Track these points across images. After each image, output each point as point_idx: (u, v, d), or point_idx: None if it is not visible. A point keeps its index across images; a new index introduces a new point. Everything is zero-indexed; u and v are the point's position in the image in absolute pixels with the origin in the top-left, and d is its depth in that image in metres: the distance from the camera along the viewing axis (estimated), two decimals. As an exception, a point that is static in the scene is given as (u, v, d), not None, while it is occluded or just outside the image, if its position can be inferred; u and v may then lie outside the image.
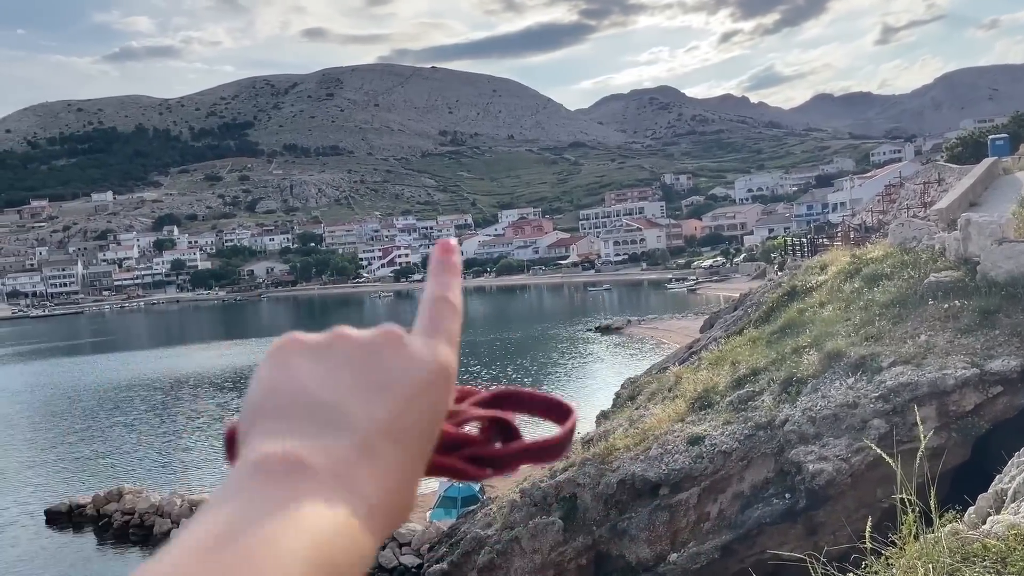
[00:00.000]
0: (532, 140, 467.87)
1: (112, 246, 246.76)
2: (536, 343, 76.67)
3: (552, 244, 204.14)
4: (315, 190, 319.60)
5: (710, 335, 30.77)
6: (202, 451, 42.09)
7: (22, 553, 28.82)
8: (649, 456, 19.39)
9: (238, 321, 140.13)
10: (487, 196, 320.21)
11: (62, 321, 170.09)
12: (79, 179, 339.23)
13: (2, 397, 66.77)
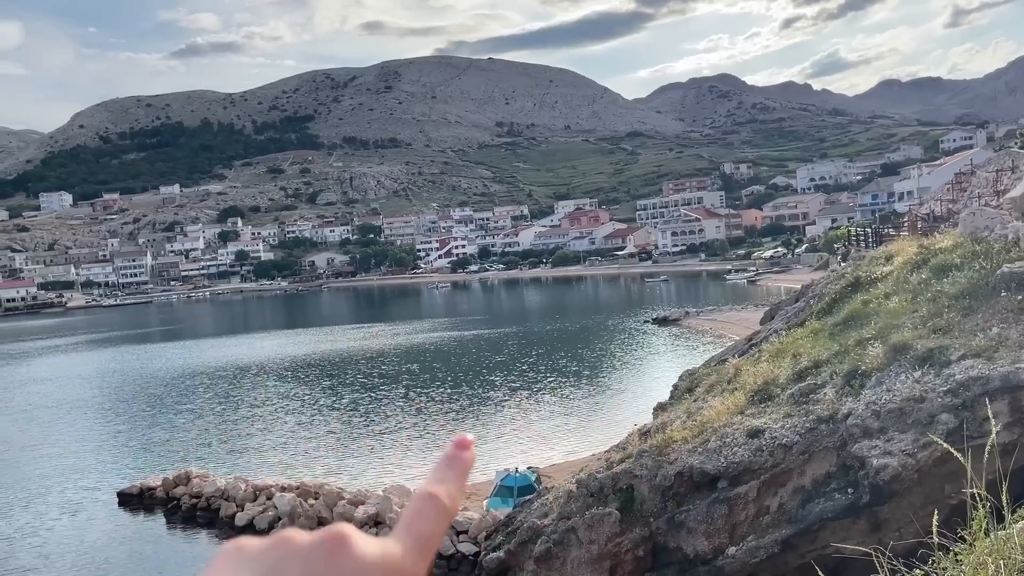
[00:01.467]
0: (589, 130, 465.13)
1: (179, 237, 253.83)
2: (593, 334, 76.42)
3: (609, 235, 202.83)
4: (374, 182, 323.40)
5: (770, 327, 30.25)
6: (264, 438, 43.14)
7: (97, 532, 29.98)
8: (707, 448, 19.21)
9: (299, 311, 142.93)
10: (543, 187, 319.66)
11: (132, 310, 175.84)
12: (148, 172, 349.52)
13: (76, 383, 69.45)
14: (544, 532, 20.97)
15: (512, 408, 45.48)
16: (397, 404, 48.77)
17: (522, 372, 56.58)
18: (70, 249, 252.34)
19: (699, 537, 18.35)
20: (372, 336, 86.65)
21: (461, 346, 73.63)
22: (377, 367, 64.20)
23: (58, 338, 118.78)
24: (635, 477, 20.13)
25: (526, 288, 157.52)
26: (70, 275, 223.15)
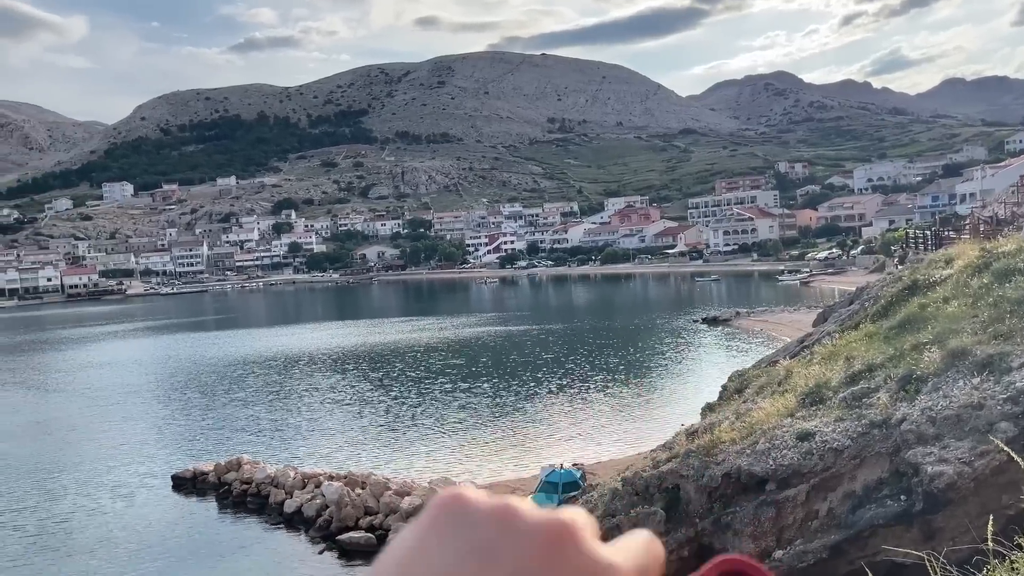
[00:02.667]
0: (641, 127, 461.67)
1: (234, 229, 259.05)
2: (641, 333, 75.94)
3: (659, 233, 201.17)
4: (425, 177, 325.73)
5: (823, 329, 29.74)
6: (312, 427, 43.86)
7: (152, 514, 30.85)
8: (756, 450, 19.00)
9: (350, 303, 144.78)
10: (593, 183, 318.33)
11: (188, 299, 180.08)
12: (206, 164, 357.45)
13: (133, 368, 71.45)
14: (588, 529, 20.91)
15: (558, 405, 45.48)
16: (443, 398, 49.14)
17: (568, 369, 56.53)
18: (130, 238, 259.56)
19: (745, 539, 18.17)
20: (420, 330, 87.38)
21: (508, 342, 73.82)
22: (424, 361, 64.74)
23: (117, 324, 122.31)
24: (681, 477, 20.01)
25: (574, 285, 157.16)
26: (130, 263, 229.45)
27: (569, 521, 0.64)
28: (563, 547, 0.61)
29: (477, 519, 0.63)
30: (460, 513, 0.64)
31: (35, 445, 42.97)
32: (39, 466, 38.30)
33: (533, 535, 0.62)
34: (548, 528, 0.63)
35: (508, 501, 0.65)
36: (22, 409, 54.39)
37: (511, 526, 0.63)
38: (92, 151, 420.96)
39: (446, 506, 0.64)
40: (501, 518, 0.63)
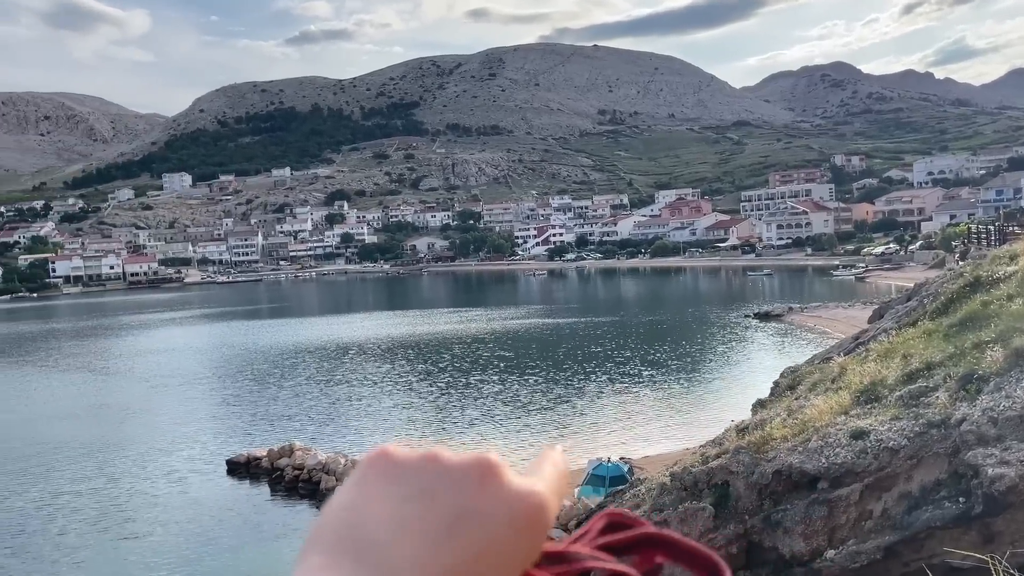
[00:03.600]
0: (693, 119, 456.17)
1: (288, 219, 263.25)
2: (691, 327, 75.23)
3: (711, 226, 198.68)
4: (475, 169, 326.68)
5: (879, 326, 29.10)
6: (363, 415, 44.46)
7: (207, 497, 31.65)
8: (808, 448, 18.73)
9: (400, 294, 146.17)
10: (644, 176, 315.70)
11: (243, 288, 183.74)
12: (262, 156, 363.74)
13: (190, 355, 73.25)
14: (636, 523, 20.85)
15: (606, 398, 45.34)
16: (491, 389, 49.36)
17: (617, 363, 56.28)
18: (188, 228, 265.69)
19: (796, 538, 17.94)
20: (469, 321, 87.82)
21: (556, 334, 73.77)
22: (472, 352, 65.08)
23: (175, 312, 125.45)
24: (731, 473, 19.82)
25: (623, 278, 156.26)
26: (188, 252, 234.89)
27: (491, 459, 0.69)
28: (490, 481, 0.66)
29: (407, 469, 0.68)
30: (390, 465, 0.68)
31: (96, 428, 44.38)
32: (100, 448, 39.54)
33: (461, 475, 0.67)
34: (474, 467, 0.68)
35: (431, 450, 0.70)
36: (85, 392, 56.20)
37: (439, 470, 0.67)
38: (153, 142, 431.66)
39: (376, 461, 0.69)
40: (428, 465, 0.68)
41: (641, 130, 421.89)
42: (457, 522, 0.64)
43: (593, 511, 24.52)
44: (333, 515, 0.65)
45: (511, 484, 0.68)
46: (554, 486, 0.72)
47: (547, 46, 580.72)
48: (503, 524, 0.65)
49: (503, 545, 0.65)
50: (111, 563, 25.59)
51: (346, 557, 0.62)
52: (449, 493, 0.66)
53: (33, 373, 66.56)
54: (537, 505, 0.68)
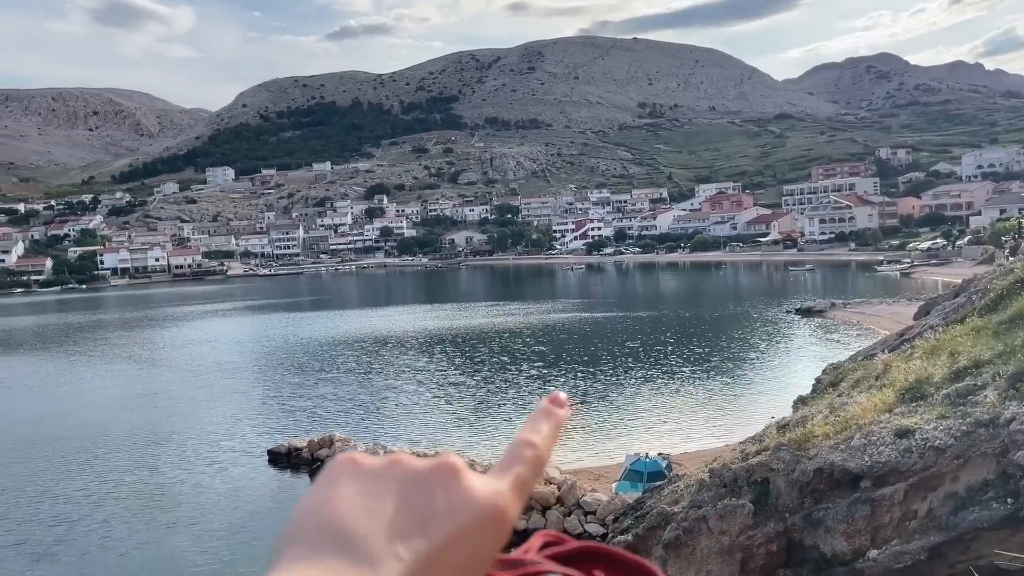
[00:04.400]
0: (735, 112, 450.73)
1: (329, 213, 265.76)
2: (731, 323, 74.47)
3: (751, 220, 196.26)
4: (513, 163, 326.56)
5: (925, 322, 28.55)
6: (401, 407, 44.79)
7: (249, 487, 32.16)
8: (851, 446, 18.46)
9: (438, 287, 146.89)
10: (684, 169, 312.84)
11: (284, 280, 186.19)
12: (302, 150, 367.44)
13: (232, 346, 74.44)
14: (674, 519, 20.79)
15: (644, 394, 45.12)
16: (528, 383, 49.40)
17: (655, 358, 55.95)
18: (231, 221, 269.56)
19: (838, 537, 17.70)
20: (506, 314, 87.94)
21: (594, 329, 73.54)
22: (510, 345, 65.17)
23: (218, 303, 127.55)
24: (771, 471, 19.61)
25: (662, 272, 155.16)
26: (230, 245, 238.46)
27: (453, 461, 0.73)
28: (453, 482, 0.71)
29: (374, 472, 0.72)
30: (358, 469, 0.72)
31: (140, 418, 45.31)
32: (144, 438, 40.38)
33: (426, 477, 0.71)
34: (437, 468, 0.72)
35: (395, 455, 0.75)
36: (130, 383, 57.42)
37: (404, 473, 0.72)
38: (197, 137, 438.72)
39: (344, 465, 0.73)
40: (393, 469, 0.72)
41: (681, 123, 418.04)
42: (428, 517, 0.68)
43: (629, 506, 24.45)
44: (306, 513, 0.68)
45: (473, 485, 0.72)
46: (523, 479, 0.76)
47: (586, 39, 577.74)
48: (469, 522, 0.69)
49: (470, 541, 0.68)
50: (155, 552, 26.10)
51: (326, 549, 0.65)
52: (416, 493, 0.70)
53: (81, 363, 68.21)
54: (499, 505, 0.72)
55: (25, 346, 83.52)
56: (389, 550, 0.65)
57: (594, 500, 26.29)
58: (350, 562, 0.64)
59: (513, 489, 0.75)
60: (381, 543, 0.66)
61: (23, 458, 37.38)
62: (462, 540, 0.69)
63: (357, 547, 0.65)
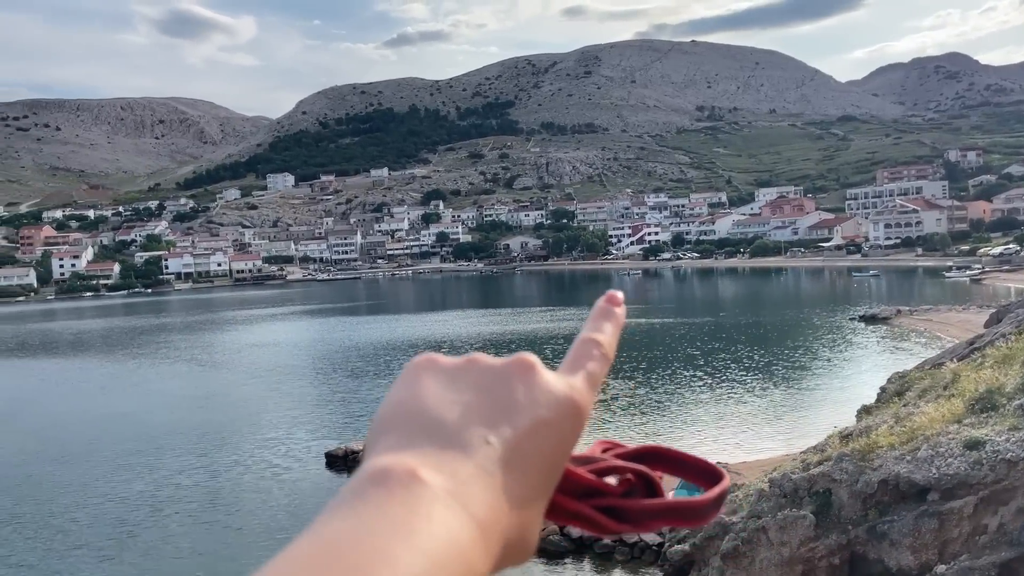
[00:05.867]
0: (796, 114, 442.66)
1: (386, 218, 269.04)
2: (792, 329, 72.98)
3: (813, 225, 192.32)
4: (569, 167, 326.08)
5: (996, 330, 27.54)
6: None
7: (307, 489, 32.60)
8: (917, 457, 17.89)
9: (493, 292, 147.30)
10: (743, 173, 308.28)
11: (342, 285, 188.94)
12: (360, 156, 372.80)
13: (291, 350, 75.78)
14: (732, 529, 20.40)
15: (701, 401, 44.47)
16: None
17: (714, 365, 55.13)
18: (291, 226, 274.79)
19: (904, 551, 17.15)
20: (561, 319, 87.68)
21: (650, 335, 72.82)
22: (564, 351, 64.31)
23: (277, 307, 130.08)
24: (833, 481, 19.12)
25: (721, 278, 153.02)
26: (290, 250, 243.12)
27: (528, 357, 0.78)
28: (531, 376, 0.75)
29: (454, 369, 0.76)
30: (438, 366, 0.76)
31: (201, 419, 46.34)
32: (203, 439, 41.28)
33: (504, 371, 0.76)
34: (514, 364, 0.77)
35: (470, 355, 0.79)
36: (191, 384, 58.85)
37: (483, 368, 0.76)
38: (258, 144, 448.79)
39: (423, 363, 0.77)
40: (472, 365, 0.76)
41: (741, 126, 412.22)
42: (511, 408, 0.72)
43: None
44: (393, 408, 0.72)
45: (551, 379, 0.76)
46: (594, 374, 0.80)
47: (644, 42, 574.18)
48: (550, 413, 0.73)
49: (552, 431, 0.72)
50: (212, 553, 26.59)
51: (419, 436, 0.67)
52: (498, 386, 0.74)
53: (145, 365, 70.20)
54: (576, 398, 0.76)
55: (94, 348, 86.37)
56: (479, 436, 0.68)
57: (650, 508, 25.93)
58: (444, 447, 0.66)
59: (587, 384, 0.78)
60: (470, 430, 0.68)
61: (89, 458, 38.59)
62: (545, 429, 0.71)
63: (448, 434, 0.68)
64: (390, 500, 0.59)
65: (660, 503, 0.73)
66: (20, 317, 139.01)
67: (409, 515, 0.58)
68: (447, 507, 0.61)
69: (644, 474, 0.75)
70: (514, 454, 0.68)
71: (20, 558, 26.66)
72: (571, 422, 0.74)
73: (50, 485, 34.34)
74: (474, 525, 0.62)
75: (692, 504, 0.72)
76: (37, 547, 27.51)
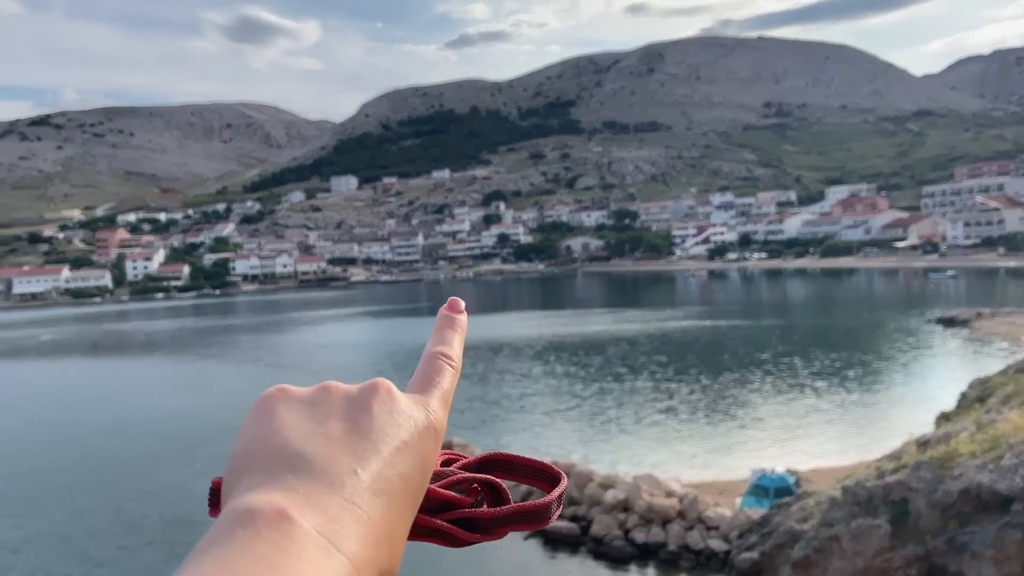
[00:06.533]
0: (868, 109, 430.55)
1: (447, 220, 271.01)
2: (865, 332, 70.79)
3: (887, 224, 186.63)
4: (632, 167, 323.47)
5: (1089, 333, 26.05)
6: (516, 413, 44.73)
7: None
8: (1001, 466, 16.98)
9: (554, 293, 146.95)
10: (813, 171, 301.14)
11: (404, 287, 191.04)
12: (422, 158, 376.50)
13: (354, 350, 76.74)
14: (803, 538, 19.68)
15: (770, 405, 43.33)
16: (647, 393, 48.39)
17: (783, 368, 53.75)
18: (354, 228, 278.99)
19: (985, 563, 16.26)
20: (623, 322, 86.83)
21: (716, 338, 71.50)
22: (628, 354, 64.18)
23: (341, 308, 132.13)
24: (910, 490, 18.27)
25: (789, 279, 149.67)
26: (353, 252, 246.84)
27: (382, 381, 0.78)
28: (385, 400, 0.75)
29: (307, 399, 0.76)
30: (291, 397, 0.76)
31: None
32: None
33: (359, 397, 0.76)
34: (371, 389, 0.77)
35: (322, 383, 0.78)
36: (257, 385, 59.83)
37: (337, 396, 0.76)
38: (322, 147, 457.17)
39: (276, 396, 0.77)
40: (325, 394, 0.76)
41: (810, 123, 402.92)
42: (373, 434, 0.71)
43: (755, 522, 23.33)
44: (251, 444, 0.70)
45: (407, 401, 0.77)
46: (445, 390, 0.82)
47: (709, 38, 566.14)
48: (411, 434, 0.73)
49: (414, 452, 0.72)
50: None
51: (284, 473, 0.65)
52: (357, 412, 0.74)
53: (213, 366, 71.94)
54: (432, 417, 0.77)
55: (164, 349, 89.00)
56: (346, 468, 0.67)
57: (717, 515, 25.28)
58: (311, 482, 0.64)
59: (441, 402, 0.80)
60: (337, 462, 0.67)
61: (158, 458, 39.57)
62: (408, 453, 0.71)
63: (315, 468, 0.66)
64: (258, 542, 0.57)
65: (507, 509, 0.75)
66: (96, 318, 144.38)
67: (279, 557, 0.56)
68: (319, 547, 0.59)
69: (491, 483, 0.77)
70: (382, 482, 0.68)
71: (94, 554, 27.40)
72: (431, 443, 0.74)
73: (122, 481, 35.31)
74: (348, 564, 0.60)
75: (536, 507, 0.75)
76: (106, 544, 28.24)
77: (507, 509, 0.76)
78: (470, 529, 0.75)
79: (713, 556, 24.10)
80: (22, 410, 54.21)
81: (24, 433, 46.58)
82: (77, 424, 47.60)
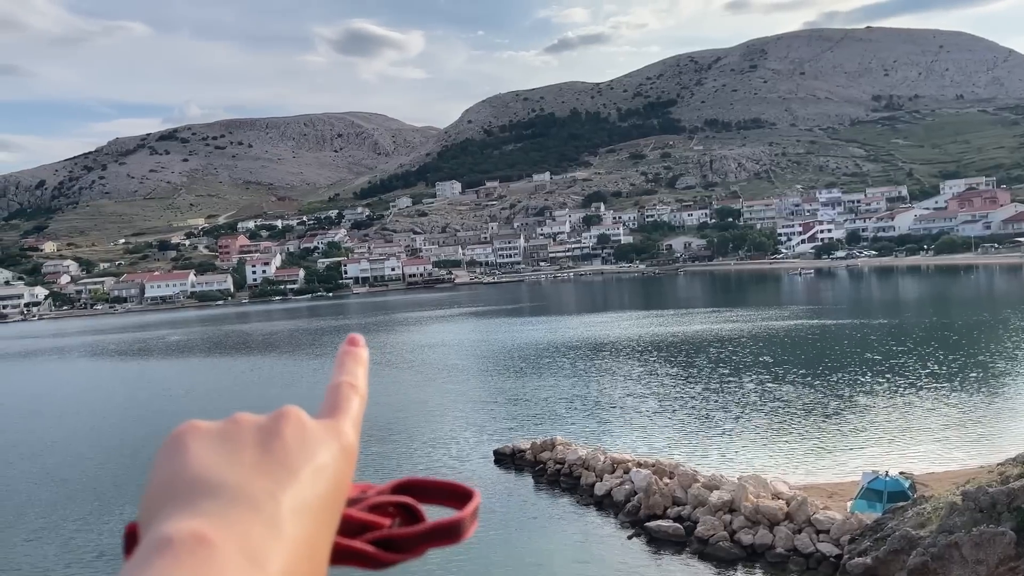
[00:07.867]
0: (987, 99, 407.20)
1: (548, 222, 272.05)
2: (984, 332, 67.35)
3: (1009, 218, 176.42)
4: (734, 164, 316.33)
5: None
6: (619, 413, 44.84)
7: (477, 484, 33.58)
8: None
9: (655, 294, 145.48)
10: (926, 165, 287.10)
11: (507, 288, 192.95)
12: (523, 161, 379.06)
13: (459, 350, 78.25)
14: (920, 544, 19.21)
15: (883, 407, 41.94)
16: (753, 393, 47.62)
17: (896, 369, 51.86)
18: (458, 232, 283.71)
19: (1123, 577, 15.51)
20: (727, 321, 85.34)
21: (825, 338, 69.45)
22: (733, 354, 63.14)
23: (446, 309, 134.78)
24: (1037, 497, 17.59)
25: (902, 277, 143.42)
26: (457, 255, 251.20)
27: (292, 408, 0.81)
28: (296, 427, 0.78)
29: (218, 432, 0.77)
30: (201, 432, 0.76)
31: (374, 415, 48.75)
32: (376, 436, 43.41)
33: (270, 426, 0.78)
34: (282, 417, 0.80)
35: (232, 415, 0.80)
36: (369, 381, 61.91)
37: (247, 427, 0.78)
38: (427, 154, 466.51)
39: (186, 431, 0.77)
40: (235, 425, 0.78)
41: (923, 115, 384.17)
42: (288, 459, 0.73)
43: (867, 527, 22.86)
44: (165, 480, 0.69)
45: (319, 426, 0.81)
46: (355, 415, 0.86)
47: (813, 32, 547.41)
48: (326, 458, 0.76)
49: (329, 475, 0.75)
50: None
51: (201, 501, 0.65)
52: (270, 440, 0.76)
53: (326, 364, 74.21)
54: (345, 441, 0.81)
55: (281, 348, 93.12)
56: (264, 491, 0.68)
57: (827, 518, 24.86)
58: (230, 507, 0.64)
59: (352, 426, 0.84)
60: (255, 486, 0.68)
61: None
62: (322, 473, 0.74)
63: (233, 493, 0.66)
64: (178, 568, 0.56)
65: (423, 527, 0.78)
66: (219, 319, 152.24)
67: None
68: (241, 570, 0.59)
69: (406, 504, 0.81)
70: (300, 503, 0.69)
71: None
72: (344, 464, 0.77)
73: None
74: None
75: (451, 522, 0.78)
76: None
77: (423, 526, 0.79)
78: (390, 550, 0.77)
79: (824, 560, 23.73)
80: (151, 407, 57.79)
81: (155, 427, 49.82)
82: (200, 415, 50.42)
